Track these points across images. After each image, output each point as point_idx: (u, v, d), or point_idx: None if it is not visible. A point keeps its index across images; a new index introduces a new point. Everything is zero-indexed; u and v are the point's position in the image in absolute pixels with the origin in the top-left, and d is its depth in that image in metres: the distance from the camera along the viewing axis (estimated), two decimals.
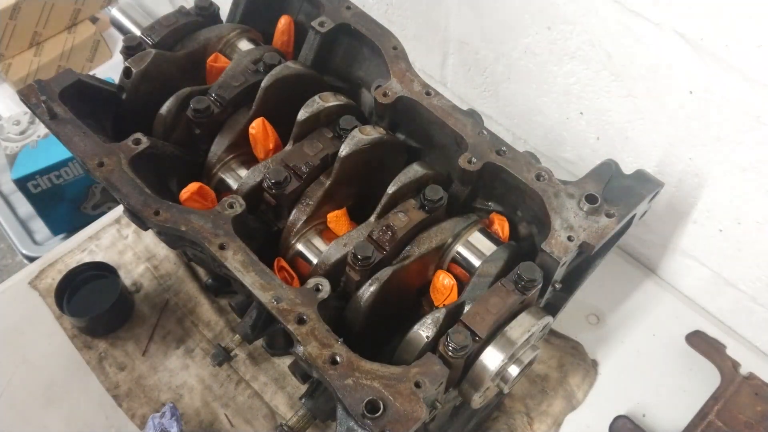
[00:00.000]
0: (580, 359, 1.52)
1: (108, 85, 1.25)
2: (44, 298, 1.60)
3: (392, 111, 1.20)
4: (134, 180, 1.08)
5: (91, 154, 1.10)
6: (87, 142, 1.12)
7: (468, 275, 1.08)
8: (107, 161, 1.10)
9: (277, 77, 1.19)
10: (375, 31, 1.24)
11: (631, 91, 1.42)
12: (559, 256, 0.99)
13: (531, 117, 1.70)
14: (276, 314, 0.95)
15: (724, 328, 1.60)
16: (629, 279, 1.68)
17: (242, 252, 1.01)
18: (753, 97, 1.22)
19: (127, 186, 1.07)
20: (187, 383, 1.48)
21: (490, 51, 1.65)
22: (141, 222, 1.10)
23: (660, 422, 1.45)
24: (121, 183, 1.07)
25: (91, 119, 1.20)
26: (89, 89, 1.22)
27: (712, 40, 1.21)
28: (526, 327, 0.97)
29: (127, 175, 1.08)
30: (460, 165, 1.10)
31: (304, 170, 1.13)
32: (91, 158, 1.10)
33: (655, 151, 1.47)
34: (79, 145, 1.12)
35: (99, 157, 1.10)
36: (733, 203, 1.40)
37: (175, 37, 1.28)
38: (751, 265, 1.47)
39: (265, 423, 1.42)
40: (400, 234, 1.05)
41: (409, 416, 0.86)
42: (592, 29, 1.39)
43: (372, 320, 1.05)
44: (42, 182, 2.16)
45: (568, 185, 1.06)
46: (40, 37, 2.54)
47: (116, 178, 1.08)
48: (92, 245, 1.70)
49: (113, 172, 1.09)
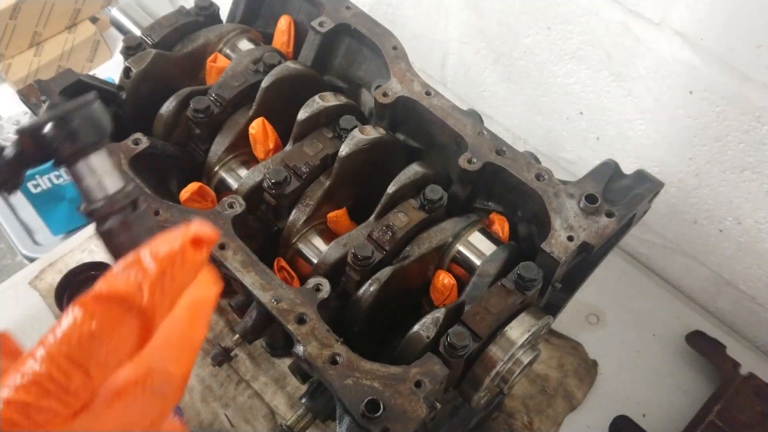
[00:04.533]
0: (580, 359, 1.52)
1: (108, 85, 1.25)
2: (44, 298, 1.60)
3: (392, 111, 1.19)
4: (134, 180, 1.08)
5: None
6: None
7: (468, 275, 1.08)
8: None
9: (277, 77, 1.19)
10: (375, 31, 1.24)
11: (631, 91, 1.42)
12: (559, 256, 0.99)
13: (531, 117, 1.70)
14: (276, 314, 0.95)
15: (724, 328, 1.60)
16: (629, 279, 1.68)
17: (242, 252, 1.01)
18: (752, 97, 1.22)
19: None
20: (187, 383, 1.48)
21: (490, 51, 1.65)
22: None
23: (660, 422, 1.45)
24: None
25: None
26: (89, 89, 1.22)
27: (712, 40, 1.21)
28: (526, 327, 0.97)
29: (127, 175, 1.08)
30: (460, 165, 1.10)
31: (304, 170, 1.13)
32: None
33: (655, 151, 1.47)
34: None
35: None
36: (733, 203, 1.40)
37: (175, 37, 1.28)
38: (751, 265, 1.47)
39: (265, 423, 1.42)
40: (400, 234, 1.05)
41: (408, 416, 0.86)
42: (592, 29, 1.39)
43: (372, 320, 1.05)
44: (42, 182, 2.16)
45: (568, 185, 1.06)
46: (40, 37, 2.54)
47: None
48: (92, 245, 1.70)
49: None
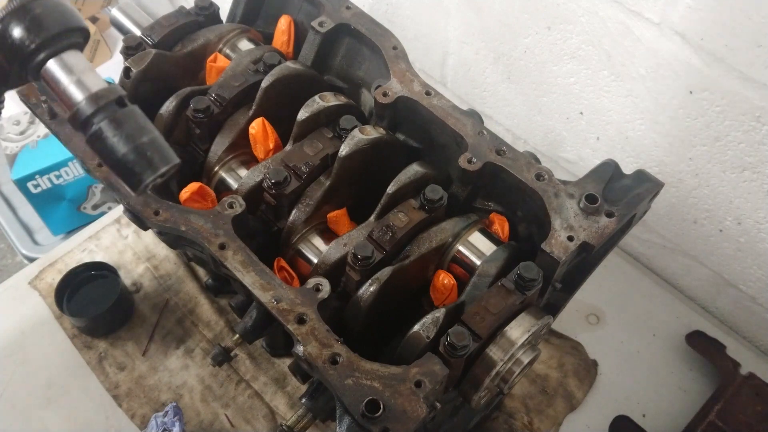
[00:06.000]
0: (580, 359, 1.52)
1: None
2: (44, 298, 1.60)
3: (392, 111, 1.19)
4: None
5: (91, 154, 1.10)
6: None
7: (468, 275, 1.08)
8: None
9: (277, 77, 1.19)
10: (375, 31, 1.24)
11: (631, 91, 1.42)
12: (559, 256, 0.99)
13: (531, 117, 1.70)
14: (276, 314, 0.95)
15: (724, 328, 1.60)
16: (629, 279, 1.68)
17: (242, 252, 1.01)
18: (752, 97, 1.22)
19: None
20: (187, 383, 1.48)
21: (490, 51, 1.65)
22: (141, 222, 1.10)
23: (660, 422, 1.45)
24: (121, 183, 1.07)
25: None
26: None
27: (712, 40, 1.21)
28: (526, 327, 0.97)
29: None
30: (460, 165, 1.10)
31: (304, 170, 1.13)
32: (91, 158, 1.10)
33: (655, 151, 1.47)
34: (79, 145, 1.12)
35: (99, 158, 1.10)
36: (733, 203, 1.40)
37: (175, 37, 1.28)
38: (751, 265, 1.47)
39: (265, 423, 1.43)
40: (400, 234, 1.05)
41: (408, 416, 0.86)
42: (592, 29, 1.39)
43: (372, 320, 1.05)
44: (42, 182, 2.16)
45: (568, 185, 1.06)
46: None
47: (116, 179, 1.08)
48: (92, 245, 1.70)
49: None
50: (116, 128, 0.54)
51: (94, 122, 0.53)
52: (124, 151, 0.52)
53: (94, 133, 0.53)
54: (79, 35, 0.54)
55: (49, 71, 0.53)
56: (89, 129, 0.54)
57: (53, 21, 0.52)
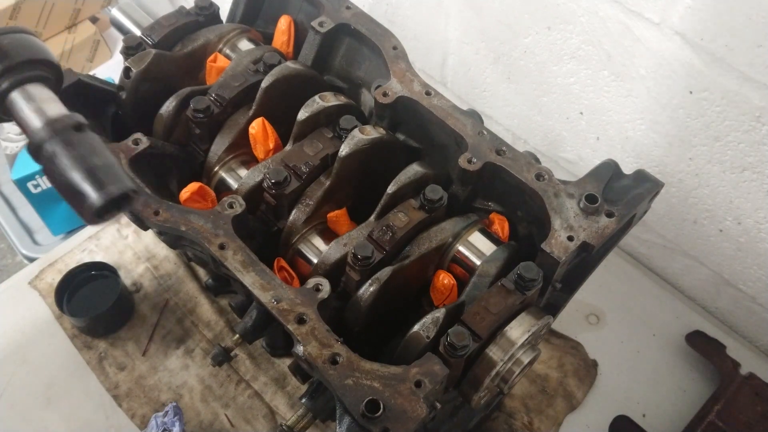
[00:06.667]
0: (580, 359, 1.52)
1: (108, 85, 1.25)
2: (44, 298, 1.60)
3: (392, 111, 1.20)
4: (134, 180, 1.08)
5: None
6: None
7: (468, 275, 1.08)
8: None
9: (277, 77, 1.19)
10: (375, 31, 1.24)
11: (631, 91, 1.42)
12: (559, 256, 0.99)
13: (531, 117, 1.70)
14: (276, 314, 0.95)
15: (724, 328, 1.60)
16: (629, 279, 1.68)
17: (242, 252, 1.01)
18: (752, 97, 1.22)
19: None
20: (187, 383, 1.48)
21: (490, 51, 1.65)
22: (141, 222, 1.10)
23: (660, 422, 1.45)
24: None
25: (91, 119, 1.20)
26: (89, 89, 1.22)
27: (712, 40, 1.21)
28: (526, 327, 0.97)
29: (127, 175, 1.08)
30: (460, 165, 1.10)
31: (304, 170, 1.13)
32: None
33: (655, 151, 1.47)
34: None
35: None
36: (733, 203, 1.40)
37: (175, 37, 1.28)
38: (751, 265, 1.47)
39: (265, 423, 1.43)
40: (400, 234, 1.05)
41: (408, 416, 0.86)
42: (592, 29, 1.39)
43: (372, 320, 1.05)
44: (42, 182, 2.16)
45: (568, 185, 1.06)
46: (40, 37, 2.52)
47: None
48: (92, 245, 1.70)
49: None
50: (69, 151, 0.52)
51: (47, 147, 0.51)
52: (74, 172, 0.49)
53: (48, 156, 0.51)
54: (47, 69, 0.54)
55: (12, 100, 0.52)
56: (43, 153, 0.52)
57: (17, 52, 0.52)
